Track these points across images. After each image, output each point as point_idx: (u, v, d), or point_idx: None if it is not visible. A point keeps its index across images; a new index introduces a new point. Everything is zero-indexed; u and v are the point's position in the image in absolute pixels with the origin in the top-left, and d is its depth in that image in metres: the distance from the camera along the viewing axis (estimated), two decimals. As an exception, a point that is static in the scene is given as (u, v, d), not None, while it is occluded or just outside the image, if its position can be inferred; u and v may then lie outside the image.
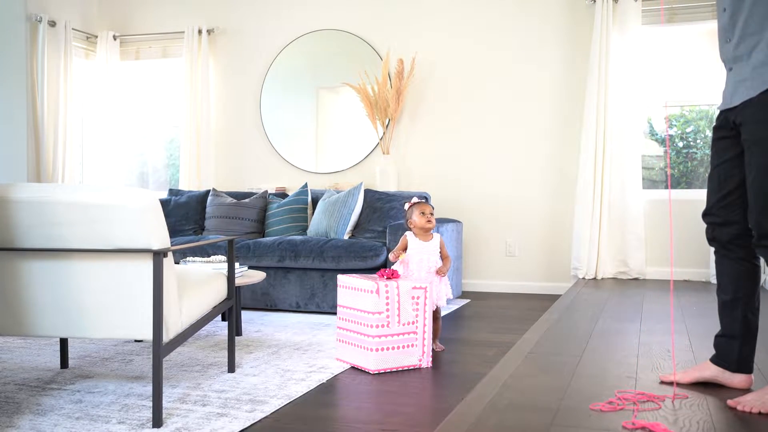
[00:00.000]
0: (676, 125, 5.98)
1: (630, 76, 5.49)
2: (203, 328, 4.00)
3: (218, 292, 3.01)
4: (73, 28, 6.59)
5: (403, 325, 3.18)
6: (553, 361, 2.73)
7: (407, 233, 3.59)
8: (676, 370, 2.52)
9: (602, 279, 5.49)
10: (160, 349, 2.41)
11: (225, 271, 3.20)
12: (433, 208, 3.64)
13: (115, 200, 2.36)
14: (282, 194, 5.77)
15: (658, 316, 3.82)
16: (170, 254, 2.50)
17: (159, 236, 2.43)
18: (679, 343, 3.05)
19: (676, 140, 5.94)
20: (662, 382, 2.38)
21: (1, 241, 2.47)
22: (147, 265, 2.43)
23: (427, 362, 3.25)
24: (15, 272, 2.50)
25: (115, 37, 6.85)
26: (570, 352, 2.87)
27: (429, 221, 3.54)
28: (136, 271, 2.44)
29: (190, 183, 6.48)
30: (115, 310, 2.49)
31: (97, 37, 6.87)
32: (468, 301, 5.34)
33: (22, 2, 6.23)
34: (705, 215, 2.36)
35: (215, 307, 2.98)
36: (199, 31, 6.55)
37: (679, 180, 5.87)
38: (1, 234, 2.45)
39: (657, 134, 5.97)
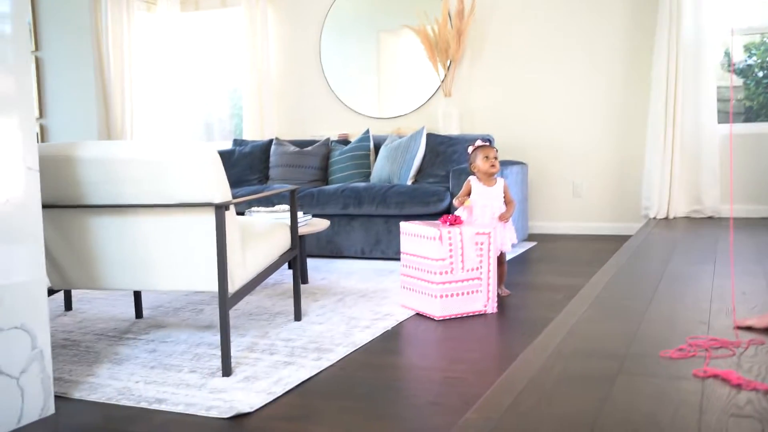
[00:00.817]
0: (756, 54, 5.65)
1: (706, 2, 5.18)
2: (270, 277, 4.06)
3: (282, 242, 3.04)
4: (133, -18, 6.64)
5: (468, 271, 3.16)
6: (622, 305, 2.66)
7: (471, 178, 3.53)
8: (752, 314, 2.43)
9: (674, 218, 5.32)
10: (226, 300, 2.45)
11: (288, 221, 3.23)
12: (497, 151, 3.56)
13: (175, 156, 2.39)
14: (344, 141, 5.76)
15: (734, 257, 3.68)
16: (232, 207, 2.52)
17: (220, 190, 2.45)
18: (755, 285, 2.93)
19: (756, 69, 5.62)
20: (737, 327, 2.29)
21: (69, 197, 2.53)
22: (210, 218, 2.46)
23: (492, 308, 3.22)
24: (84, 228, 2.57)
25: (174, -11, 6.87)
26: (639, 297, 2.79)
27: (493, 165, 3.47)
28: (199, 225, 2.48)
29: (254, 133, 6.53)
30: (180, 263, 2.54)
31: (157, -11, 6.90)
32: (534, 243, 5.26)
33: (83, -42, 6.30)
34: None
35: (279, 257, 3.01)
36: (257, -21, 6.50)
37: (758, 113, 5.58)
38: (70, 191, 2.52)
39: (736, 64, 5.66)
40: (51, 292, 2.74)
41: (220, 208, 2.42)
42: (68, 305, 3.51)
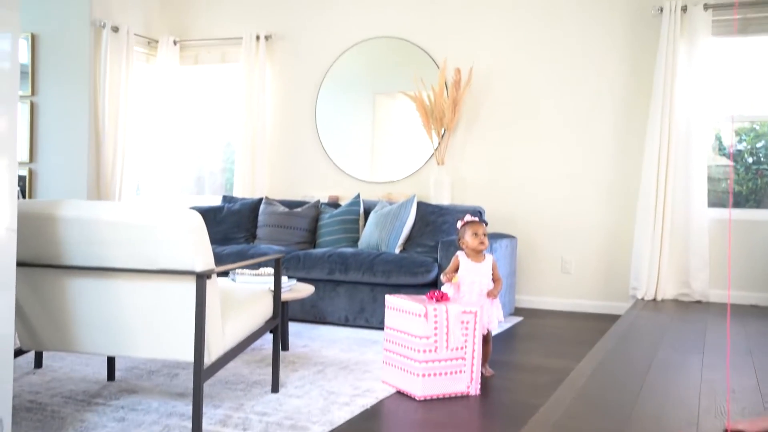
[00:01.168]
0: (746, 140, 5.71)
1: (698, 89, 5.26)
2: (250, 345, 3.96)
3: (264, 310, 2.97)
4: (135, 33, 6.69)
5: (452, 350, 3.08)
6: (609, 399, 2.59)
7: (459, 253, 3.49)
8: (743, 415, 2.36)
9: (662, 300, 5.27)
10: (201, 373, 2.37)
11: (272, 287, 3.16)
12: (486, 226, 3.52)
13: (159, 221, 2.33)
14: (335, 203, 5.73)
15: (722, 348, 3.63)
16: (214, 275, 2.46)
17: (203, 258, 2.39)
18: (745, 383, 2.87)
19: (746, 155, 5.67)
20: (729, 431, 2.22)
21: (48, 257, 2.47)
22: (190, 286, 2.39)
23: (475, 390, 3.14)
24: (61, 289, 2.49)
25: (175, 42, 6.92)
26: (626, 389, 2.72)
27: (482, 243, 3.43)
28: (179, 292, 2.41)
29: (245, 189, 6.49)
30: (158, 330, 2.46)
31: (158, 41, 6.95)
32: (521, 318, 5.19)
33: (87, 8, 6.35)
34: None
35: (261, 326, 2.94)
36: (257, 37, 6.56)
37: (747, 198, 5.60)
38: (49, 250, 2.45)
39: (725, 149, 5.72)
40: (20, 352, 2.64)
41: (202, 277, 2.35)
42: (38, 362, 3.39)
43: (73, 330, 2.51)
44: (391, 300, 3.26)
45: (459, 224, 3.54)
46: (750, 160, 5.72)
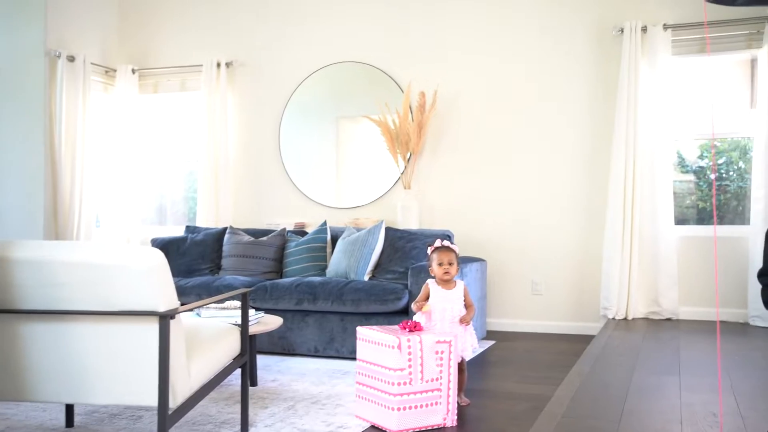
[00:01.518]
0: (707, 156, 5.76)
1: (660, 108, 5.30)
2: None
3: (232, 347, 2.85)
4: (91, 63, 6.53)
5: (427, 381, 3.00)
6: (590, 427, 2.52)
7: (429, 281, 3.42)
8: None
9: (633, 319, 5.26)
10: (165, 419, 2.24)
11: (239, 322, 3.04)
12: (456, 252, 3.45)
13: (118, 260, 2.22)
14: (301, 231, 5.62)
15: (697, 367, 3.60)
16: (178, 316, 2.35)
17: (166, 297, 2.28)
18: (725, 405, 2.83)
19: (708, 172, 5.72)
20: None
21: (0, 301, 2.33)
22: (153, 327, 2.28)
23: (452, 421, 3.05)
24: (14, 334, 2.36)
25: (134, 71, 6.79)
26: (606, 416, 2.66)
27: (446, 272, 3.36)
28: (141, 335, 2.29)
29: (208, 218, 6.35)
30: (119, 375, 2.33)
31: (116, 70, 6.81)
32: (493, 342, 5.13)
33: (41, 38, 6.19)
34: (762, 275, 2.16)
35: (228, 364, 2.82)
36: (218, 64, 6.46)
37: (711, 214, 5.64)
38: (1, 294, 2.31)
39: (688, 166, 5.76)
40: (-29, 402, 2.49)
41: (165, 318, 2.24)
42: (-7, 410, 3.22)
43: (26, 377, 2.37)
44: (363, 331, 3.16)
45: (429, 250, 3.48)
46: (713, 176, 5.77)
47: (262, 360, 4.49)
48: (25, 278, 2.27)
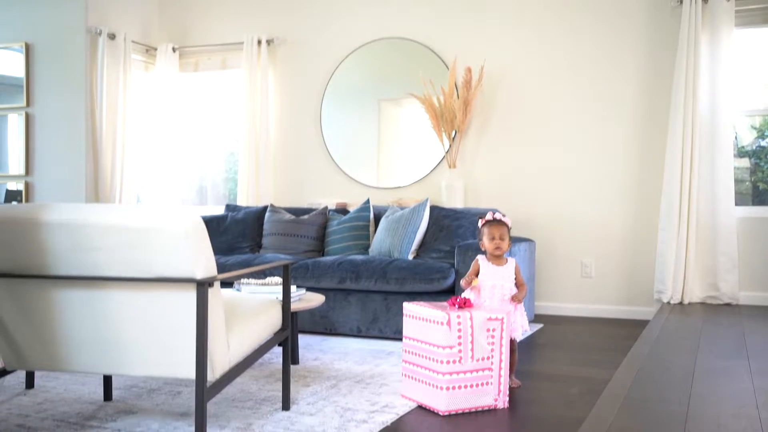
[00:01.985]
0: (768, 135, 5.46)
1: (722, 84, 5.01)
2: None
3: (272, 322, 2.72)
4: (132, 41, 6.47)
5: (477, 360, 2.83)
6: (656, 410, 2.33)
7: (479, 257, 3.25)
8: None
9: (689, 304, 5.01)
10: (204, 391, 2.12)
11: (280, 297, 2.92)
12: (508, 226, 3.27)
13: (154, 223, 2.09)
14: (343, 210, 5.49)
15: (766, 352, 3.36)
16: (217, 283, 2.22)
17: (203, 264, 2.15)
18: (802, 389, 2.61)
19: (768, 152, 5.43)
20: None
21: (31, 266, 2.23)
22: (191, 296, 2.15)
23: (503, 402, 2.88)
24: (48, 302, 2.25)
25: (174, 49, 6.71)
26: (673, 399, 2.46)
27: (497, 247, 3.18)
28: (178, 303, 2.17)
29: (249, 198, 6.26)
30: (156, 345, 2.22)
31: (156, 49, 6.74)
32: (541, 326, 4.93)
33: (82, 15, 6.15)
34: None
35: (269, 339, 2.69)
36: (259, 42, 6.35)
37: (773, 196, 5.35)
38: (32, 259, 2.21)
39: (747, 146, 5.46)
40: (5, 372, 2.40)
41: (203, 285, 2.11)
42: (30, 382, 3.15)
43: (61, 347, 2.27)
44: (410, 307, 3.01)
45: (480, 223, 3.30)
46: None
47: (303, 339, 4.37)
48: (59, 242, 2.17)
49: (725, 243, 5.00)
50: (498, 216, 3.27)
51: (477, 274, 3.21)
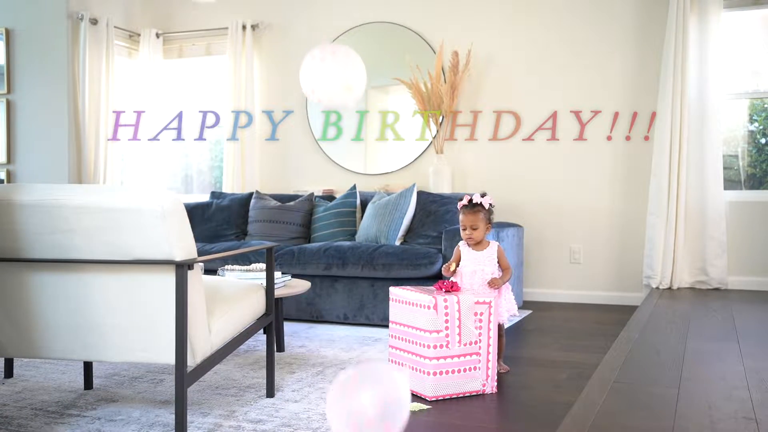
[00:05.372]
0: (757, 120, 5.44)
1: (710, 66, 4.97)
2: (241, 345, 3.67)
3: (256, 306, 2.67)
4: (115, 26, 6.37)
5: (465, 345, 2.79)
6: (647, 393, 2.29)
7: (460, 243, 3.20)
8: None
9: (678, 289, 4.99)
10: (183, 377, 2.06)
11: (264, 283, 2.86)
12: (486, 208, 3.14)
13: (131, 203, 2.03)
14: (329, 197, 5.43)
15: (756, 335, 3.34)
16: (197, 266, 2.16)
17: (183, 245, 2.09)
18: (793, 371, 2.59)
19: (757, 136, 5.40)
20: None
21: (6, 250, 2.16)
22: (170, 278, 2.09)
23: (491, 387, 2.84)
24: (22, 286, 2.19)
25: (158, 35, 6.61)
26: (664, 382, 2.43)
27: (469, 237, 3.12)
28: (157, 286, 2.11)
29: (234, 185, 6.18)
30: (135, 330, 2.16)
31: (139, 35, 6.64)
32: (530, 312, 4.90)
33: (64, 1, 6.03)
34: None
35: (252, 324, 2.63)
36: (244, 27, 6.26)
37: (761, 180, 5.33)
38: (7, 242, 2.14)
39: (737, 129, 5.43)
40: (-21, 359, 2.33)
41: (182, 267, 2.05)
42: (8, 371, 3.08)
43: (37, 333, 2.21)
44: (396, 292, 2.96)
45: (459, 205, 3.22)
46: (763, 141, 5.45)
47: (289, 327, 4.32)
48: (33, 224, 2.10)
49: (714, 228, 4.98)
50: (476, 198, 3.15)
51: (459, 262, 3.16)
